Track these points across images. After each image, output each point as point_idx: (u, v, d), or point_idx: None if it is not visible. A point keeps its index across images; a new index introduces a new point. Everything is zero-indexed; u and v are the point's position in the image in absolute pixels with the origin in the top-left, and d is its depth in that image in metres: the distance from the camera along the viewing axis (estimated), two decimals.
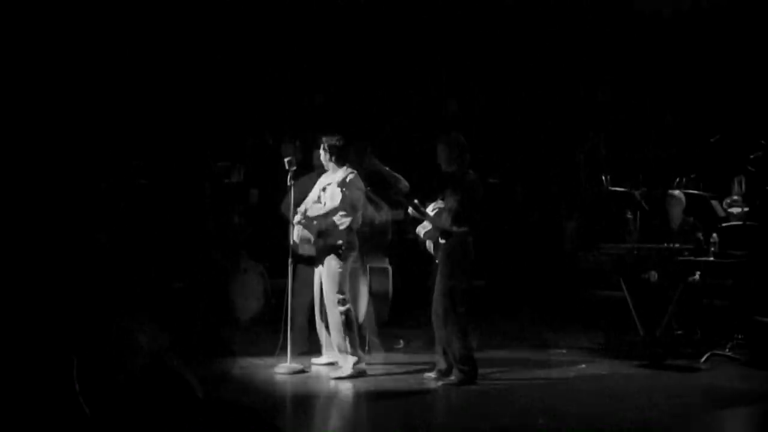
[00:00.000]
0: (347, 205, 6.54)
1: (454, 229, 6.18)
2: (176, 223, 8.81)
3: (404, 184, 7.27)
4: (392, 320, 7.52)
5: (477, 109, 10.01)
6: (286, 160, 6.68)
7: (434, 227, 6.26)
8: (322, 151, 6.69)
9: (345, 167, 6.69)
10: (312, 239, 6.56)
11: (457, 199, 6.19)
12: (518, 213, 10.13)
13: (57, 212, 7.87)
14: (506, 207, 10.06)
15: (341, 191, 6.52)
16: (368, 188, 7.06)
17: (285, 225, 6.81)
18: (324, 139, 6.71)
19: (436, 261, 6.32)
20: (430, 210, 6.33)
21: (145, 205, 8.79)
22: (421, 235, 6.38)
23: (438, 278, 6.24)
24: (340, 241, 6.52)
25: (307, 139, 7.31)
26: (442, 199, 6.35)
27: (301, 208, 6.63)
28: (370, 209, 7.31)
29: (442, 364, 6.35)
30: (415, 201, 6.29)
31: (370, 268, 7.38)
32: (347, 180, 6.57)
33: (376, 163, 7.33)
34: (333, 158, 6.65)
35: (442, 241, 6.24)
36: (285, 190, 6.85)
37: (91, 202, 8.18)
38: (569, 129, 10.08)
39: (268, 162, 8.33)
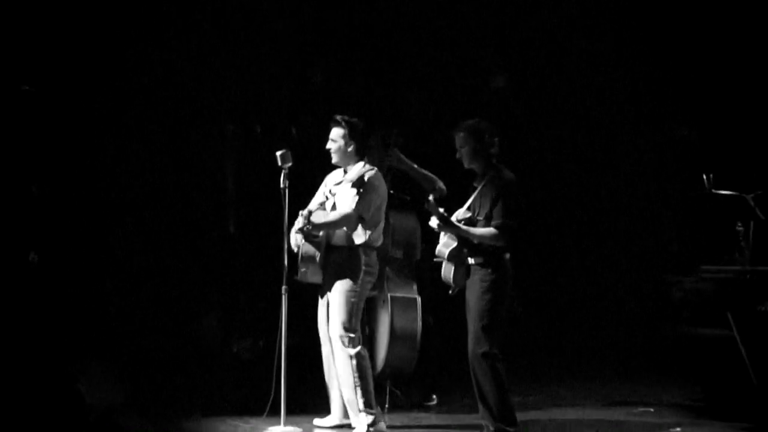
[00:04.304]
0: (365, 212, 5.75)
1: (492, 246, 5.46)
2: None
3: (440, 186, 6.56)
4: (422, 368, 6.69)
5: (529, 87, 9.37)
6: (278, 154, 5.80)
7: (460, 244, 5.50)
8: (338, 132, 5.82)
9: (363, 162, 5.90)
10: (318, 257, 5.77)
11: (488, 206, 5.51)
12: (590, 222, 9.54)
13: None
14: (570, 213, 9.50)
15: (357, 193, 5.79)
16: (391, 192, 6.30)
17: None
18: (341, 117, 5.86)
19: (450, 292, 5.60)
20: (454, 221, 5.59)
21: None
22: (444, 256, 5.57)
23: (471, 313, 5.56)
24: (354, 261, 5.78)
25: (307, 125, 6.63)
26: (469, 208, 5.62)
27: (305, 212, 5.85)
28: (399, 217, 6.57)
29: (490, 427, 5.65)
30: (441, 210, 5.46)
31: (392, 299, 6.52)
32: (365, 178, 5.82)
33: (402, 158, 6.54)
34: (352, 146, 5.84)
35: (473, 262, 5.51)
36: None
37: (24, 212, 7.31)
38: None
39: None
